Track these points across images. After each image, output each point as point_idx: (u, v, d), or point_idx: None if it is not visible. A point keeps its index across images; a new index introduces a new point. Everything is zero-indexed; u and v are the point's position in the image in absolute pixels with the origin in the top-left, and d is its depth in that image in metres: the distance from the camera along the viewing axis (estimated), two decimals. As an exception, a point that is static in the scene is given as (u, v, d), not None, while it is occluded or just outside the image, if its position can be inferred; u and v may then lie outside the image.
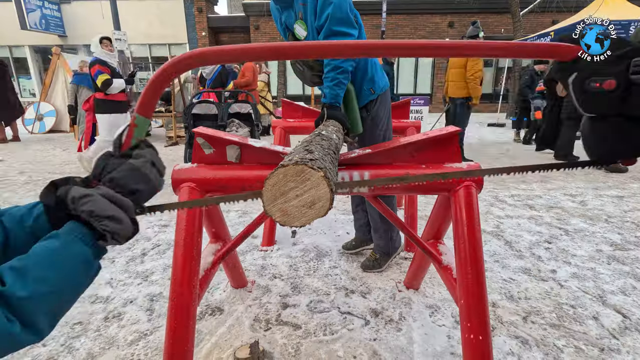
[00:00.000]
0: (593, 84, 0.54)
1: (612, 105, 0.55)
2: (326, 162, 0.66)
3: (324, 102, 1.53)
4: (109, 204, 0.52)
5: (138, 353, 1.47)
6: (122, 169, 0.56)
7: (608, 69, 0.53)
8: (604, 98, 0.54)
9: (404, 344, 1.51)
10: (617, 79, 0.53)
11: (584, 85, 0.55)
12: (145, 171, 0.57)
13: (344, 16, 1.45)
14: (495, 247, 2.40)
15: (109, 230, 0.52)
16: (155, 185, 0.60)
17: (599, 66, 0.54)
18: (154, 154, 0.61)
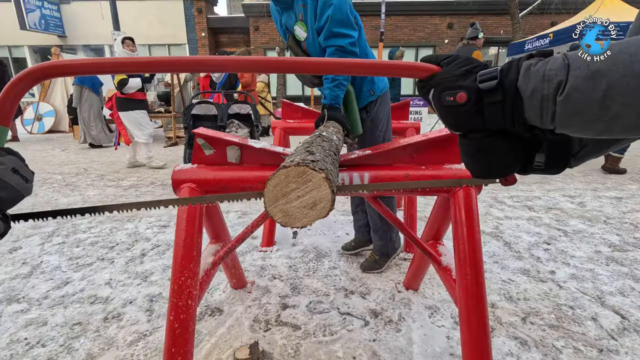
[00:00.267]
0: (447, 97, 0.54)
1: (468, 119, 0.54)
2: (327, 163, 0.66)
3: (324, 103, 1.53)
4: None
5: (137, 354, 1.47)
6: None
7: (459, 82, 0.53)
8: (459, 112, 0.54)
9: (404, 344, 1.51)
10: (467, 91, 0.52)
11: (441, 100, 0.55)
12: (3, 178, 0.57)
13: (344, 18, 1.45)
14: (494, 248, 2.41)
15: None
16: (19, 191, 0.60)
17: (451, 80, 0.54)
18: (16, 161, 0.61)
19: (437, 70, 0.56)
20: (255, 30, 14.65)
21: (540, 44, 8.52)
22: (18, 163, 0.60)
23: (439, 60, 0.58)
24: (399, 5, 14.68)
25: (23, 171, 0.61)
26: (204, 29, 14.93)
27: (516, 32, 10.78)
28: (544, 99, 0.45)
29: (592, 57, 0.43)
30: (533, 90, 0.46)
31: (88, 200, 3.52)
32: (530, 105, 0.47)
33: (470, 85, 0.52)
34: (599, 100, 0.41)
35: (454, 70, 0.54)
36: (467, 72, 0.53)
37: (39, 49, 15.53)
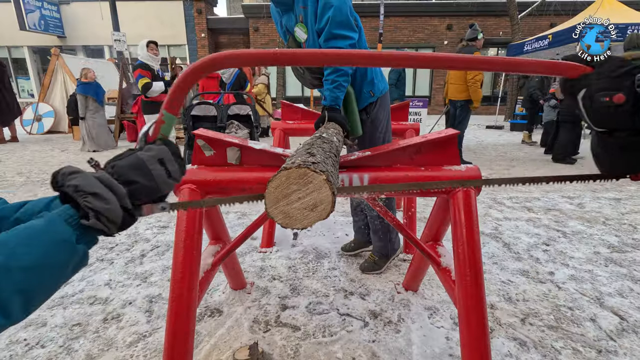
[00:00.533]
0: (603, 98, 0.55)
1: (622, 119, 0.56)
2: (328, 165, 0.67)
3: (324, 105, 1.54)
4: (97, 183, 0.49)
5: (137, 355, 1.47)
6: (126, 159, 0.55)
7: (616, 84, 0.55)
8: (614, 112, 0.55)
9: (403, 345, 1.52)
10: (625, 93, 0.54)
11: (593, 100, 0.56)
12: (148, 166, 0.55)
13: (344, 19, 1.46)
14: (493, 249, 2.41)
15: (91, 207, 0.48)
16: (158, 183, 0.56)
17: (607, 82, 0.56)
18: (166, 153, 0.59)
19: (589, 70, 0.57)
20: (254, 31, 14.66)
21: (539, 45, 8.52)
22: (166, 154, 0.58)
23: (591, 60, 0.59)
24: (398, 7, 14.70)
25: (169, 164, 0.58)
26: (204, 30, 14.93)
27: (515, 34, 10.79)
28: None
29: None
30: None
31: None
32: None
33: (629, 87, 0.53)
34: None
35: (610, 70, 0.55)
36: (625, 73, 0.54)
37: (38, 50, 15.51)
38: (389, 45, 14.32)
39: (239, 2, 17.80)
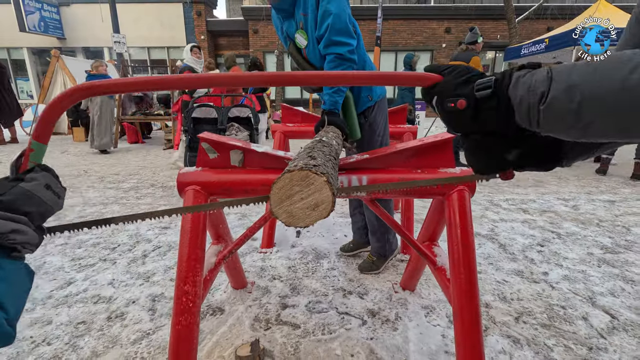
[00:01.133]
0: (449, 104, 0.60)
1: (467, 123, 0.60)
2: (328, 167, 0.71)
3: (323, 109, 1.58)
4: (6, 222, 0.55)
5: (141, 352, 1.51)
6: (12, 192, 0.58)
7: (459, 90, 0.60)
8: (460, 117, 0.60)
9: (400, 342, 1.56)
10: (466, 99, 0.59)
11: (443, 106, 0.61)
12: (37, 194, 0.60)
13: (343, 27, 1.51)
14: (489, 250, 2.46)
15: (18, 242, 0.56)
16: (51, 206, 0.63)
17: (451, 89, 0.61)
18: (50, 177, 0.64)
19: (439, 79, 0.62)
20: (254, 33, 14.73)
21: (536, 49, 8.61)
22: (51, 179, 0.64)
23: (441, 70, 0.64)
24: (397, 10, 14.80)
25: (55, 187, 0.64)
26: (203, 32, 15.00)
27: (513, 37, 10.89)
28: (530, 107, 0.52)
29: (571, 71, 0.49)
30: (521, 98, 0.53)
31: (89, 202, 3.55)
32: (519, 111, 0.54)
33: (468, 93, 0.58)
34: (575, 109, 0.47)
35: (454, 79, 0.60)
36: (466, 81, 0.59)
37: (37, 51, 15.55)
38: (388, 48, 14.41)
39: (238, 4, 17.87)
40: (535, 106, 0.51)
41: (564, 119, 0.49)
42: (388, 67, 14.77)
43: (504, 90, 0.55)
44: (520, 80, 0.54)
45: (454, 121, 0.61)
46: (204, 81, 0.79)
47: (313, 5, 1.51)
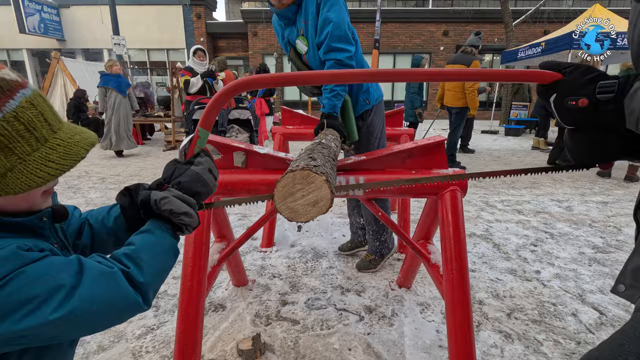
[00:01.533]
0: (570, 102, 0.67)
1: (585, 118, 0.67)
2: (327, 167, 0.77)
3: (323, 112, 1.65)
4: (182, 203, 0.63)
5: (146, 345, 1.56)
6: (186, 175, 0.67)
7: (581, 90, 0.66)
8: (579, 113, 0.67)
9: (396, 337, 1.62)
10: (588, 98, 0.65)
11: (562, 103, 0.68)
12: (204, 177, 0.68)
13: (342, 34, 1.57)
14: (484, 250, 2.52)
15: (184, 223, 0.64)
16: (211, 187, 0.71)
17: (574, 88, 0.67)
18: (211, 162, 0.73)
19: (560, 77, 0.69)
20: (253, 35, 14.80)
21: (532, 52, 8.71)
22: (212, 164, 0.73)
23: (562, 68, 0.70)
24: (395, 13, 14.91)
25: (215, 171, 0.73)
26: (203, 34, 15.06)
27: (510, 40, 11.00)
28: (639, 119, 0.59)
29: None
30: (632, 109, 0.60)
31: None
32: (629, 119, 0.61)
33: (591, 94, 0.64)
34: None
35: (577, 79, 0.67)
36: (589, 81, 0.66)
37: (37, 52, 15.58)
38: (386, 51, 14.51)
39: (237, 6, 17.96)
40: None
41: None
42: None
43: (622, 97, 0.62)
44: (638, 92, 0.60)
45: (572, 117, 0.68)
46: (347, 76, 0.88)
47: (314, 13, 1.57)
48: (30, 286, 0.46)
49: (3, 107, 0.48)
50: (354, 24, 1.73)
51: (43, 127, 0.51)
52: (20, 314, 0.45)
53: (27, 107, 0.50)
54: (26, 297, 0.46)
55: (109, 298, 0.52)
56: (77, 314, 0.49)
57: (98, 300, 0.50)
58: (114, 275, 0.53)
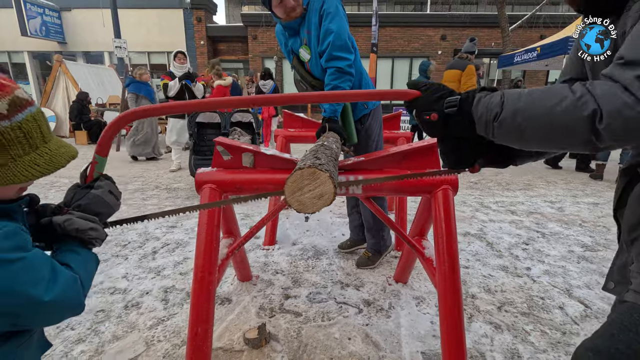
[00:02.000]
0: (425, 116, 0.78)
1: (439, 130, 0.79)
2: (330, 166, 0.88)
3: (324, 117, 1.76)
4: (86, 221, 0.72)
5: (158, 335, 1.66)
6: (87, 198, 0.76)
7: (432, 106, 0.78)
8: (433, 126, 0.78)
9: (393, 328, 1.72)
10: (438, 113, 0.76)
11: (420, 117, 0.79)
12: (104, 198, 0.78)
13: (343, 43, 1.69)
14: (477, 248, 2.63)
15: (92, 237, 0.73)
16: (113, 207, 0.80)
17: (426, 104, 0.79)
18: (111, 185, 0.81)
19: (418, 95, 0.79)
20: (253, 39, 14.94)
21: (528, 57, 8.87)
22: (112, 186, 0.82)
23: (419, 87, 0.81)
24: (394, 17, 15.09)
25: (115, 192, 0.82)
26: (203, 38, 15.19)
27: (506, 45, 11.17)
28: (487, 122, 0.70)
29: (518, 99, 0.66)
30: (480, 115, 0.71)
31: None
32: (479, 124, 0.72)
33: (439, 109, 0.75)
34: (517, 127, 0.65)
35: (429, 96, 0.78)
36: (438, 98, 0.77)
37: (38, 55, 15.68)
38: (385, 55, 14.66)
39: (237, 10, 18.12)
40: (490, 122, 0.69)
41: (510, 133, 0.67)
42: (385, 73, 15.02)
43: (467, 107, 0.73)
44: (482, 100, 0.71)
45: (429, 129, 0.79)
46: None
47: (316, 24, 1.69)
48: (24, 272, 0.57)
49: (13, 117, 0.59)
50: (352, 27, 1.84)
51: (37, 137, 0.62)
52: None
53: (30, 120, 0.61)
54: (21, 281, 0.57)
55: (69, 297, 0.64)
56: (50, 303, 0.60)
57: (63, 296, 0.62)
58: (76, 280, 0.66)
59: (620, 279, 0.79)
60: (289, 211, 3.40)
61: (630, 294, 0.72)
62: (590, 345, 0.77)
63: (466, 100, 0.74)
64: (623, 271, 0.78)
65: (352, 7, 18.41)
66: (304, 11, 1.72)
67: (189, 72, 5.04)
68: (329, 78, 1.71)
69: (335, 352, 1.56)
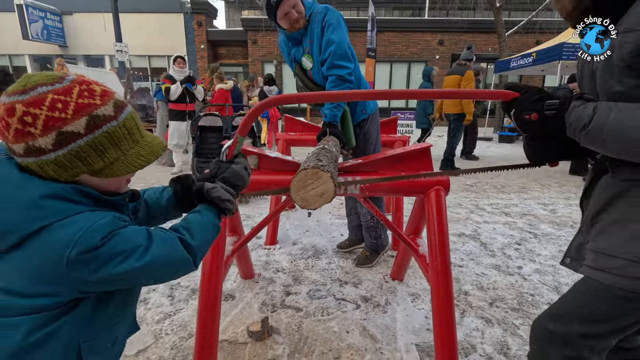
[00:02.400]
0: (524, 115, 0.88)
1: (537, 129, 0.89)
2: (331, 167, 0.98)
3: (324, 121, 1.86)
4: (227, 193, 0.83)
5: (165, 329, 1.74)
6: (228, 171, 0.87)
7: (533, 106, 0.87)
8: (532, 124, 0.88)
9: (389, 322, 1.81)
10: (538, 113, 0.86)
11: (519, 116, 0.89)
12: (241, 173, 0.89)
13: (343, 53, 1.79)
14: (471, 248, 2.72)
15: (227, 208, 0.83)
16: (246, 182, 0.91)
17: (527, 104, 0.88)
18: (246, 162, 0.93)
19: (518, 96, 0.90)
20: (253, 43, 15.09)
21: (524, 62, 9.04)
22: (247, 164, 0.93)
23: (520, 89, 0.92)
24: (392, 22, 15.28)
25: (249, 169, 0.93)
26: (203, 42, 15.34)
27: (503, 50, 11.34)
28: (575, 130, 0.81)
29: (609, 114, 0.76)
30: (570, 123, 0.82)
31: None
32: (569, 130, 0.83)
33: (540, 109, 0.85)
34: (602, 139, 0.76)
35: (530, 97, 0.88)
36: (538, 99, 0.87)
37: (38, 58, 15.79)
38: (383, 59, 14.83)
39: (238, 15, 18.29)
40: (578, 131, 0.80)
41: (595, 142, 0.78)
42: (383, 77, 15.18)
43: (562, 112, 0.83)
44: (575, 109, 0.82)
45: (527, 127, 0.90)
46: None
47: (318, 35, 1.79)
48: (122, 243, 0.65)
49: (118, 117, 0.67)
50: (351, 32, 1.95)
51: (136, 133, 0.71)
52: (116, 262, 0.64)
53: (129, 119, 0.70)
54: (119, 250, 0.65)
55: (170, 255, 0.70)
56: (149, 265, 0.68)
57: (163, 257, 0.69)
58: (173, 239, 0.72)
59: (575, 256, 0.91)
60: (289, 212, 3.49)
61: (584, 268, 0.84)
62: (547, 312, 0.91)
63: (563, 106, 0.84)
64: (579, 249, 0.91)
65: (351, 12, 18.61)
66: (307, 22, 1.83)
67: (190, 75, 5.16)
68: (330, 85, 1.81)
69: (334, 344, 1.65)
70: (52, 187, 0.63)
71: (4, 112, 0.61)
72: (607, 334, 0.83)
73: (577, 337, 0.84)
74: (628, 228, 0.78)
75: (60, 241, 0.60)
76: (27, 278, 0.63)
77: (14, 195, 0.61)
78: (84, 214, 0.64)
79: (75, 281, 0.63)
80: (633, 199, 0.79)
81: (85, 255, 0.61)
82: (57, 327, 0.65)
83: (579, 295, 0.86)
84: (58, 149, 0.62)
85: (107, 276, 0.64)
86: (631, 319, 0.81)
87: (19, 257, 0.62)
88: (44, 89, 0.62)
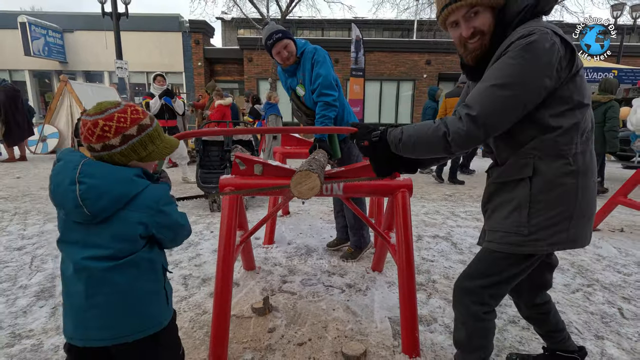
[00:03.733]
0: (361, 142, 1.32)
1: (369, 151, 1.33)
2: (319, 170, 1.39)
3: (315, 138, 2.29)
4: None
5: (183, 307, 2.11)
6: None
7: (365, 137, 1.32)
8: (366, 150, 1.32)
9: (368, 302, 2.20)
10: (368, 141, 1.30)
11: (358, 143, 1.33)
12: None
13: (329, 84, 2.25)
14: (443, 247, 3.14)
15: None
16: None
17: (361, 136, 1.33)
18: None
19: (355, 130, 1.33)
20: (249, 61, 15.69)
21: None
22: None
23: (357, 125, 1.37)
24: (382, 43, 16.05)
25: None
26: (201, 59, 15.92)
27: (485, 71, 12.06)
28: (395, 144, 1.24)
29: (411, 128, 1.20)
30: (391, 141, 1.25)
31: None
32: (392, 146, 1.26)
33: (369, 138, 1.28)
34: (412, 146, 1.18)
35: (363, 131, 1.32)
36: (368, 132, 1.31)
37: (38, 74, 16.18)
38: (373, 77, 15.51)
39: (234, 34, 18.97)
40: (396, 143, 1.22)
41: (408, 150, 1.20)
42: (374, 95, 15.84)
43: (384, 136, 1.26)
44: (391, 132, 1.26)
45: (364, 151, 1.34)
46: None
47: (309, 69, 2.26)
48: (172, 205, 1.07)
49: (152, 124, 1.06)
50: (341, 52, 2.40)
51: (161, 134, 1.10)
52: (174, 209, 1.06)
53: (157, 126, 1.09)
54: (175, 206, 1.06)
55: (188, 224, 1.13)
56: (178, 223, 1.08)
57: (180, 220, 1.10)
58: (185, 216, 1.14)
59: (483, 237, 1.33)
60: (285, 218, 3.88)
61: (485, 243, 1.26)
62: (461, 275, 1.33)
63: (384, 132, 1.28)
64: (483, 233, 1.33)
65: (343, 33, 19.43)
66: (297, 59, 2.29)
67: (168, 89, 5.64)
68: (319, 109, 2.26)
69: (322, 317, 2.03)
70: (134, 170, 1.01)
71: (91, 125, 0.99)
72: (497, 283, 1.23)
73: (480, 288, 1.25)
74: (501, 213, 1.20)
75: (154, 197, 1.01)
76: (132, 228, 1.01)
77: (120, 175, 0.99)
78: (155, 185, 1.05)
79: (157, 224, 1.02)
80: (501, 194, 1.22)
81: (166, 207, 1.03)
82: (155, 253, 1.06)
83: (479, 260, 1.28)
84: (122, 145, 1.00)
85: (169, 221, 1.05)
86: (510, 272, 1.22)
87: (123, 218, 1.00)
88: (112, 110, 1.00)
